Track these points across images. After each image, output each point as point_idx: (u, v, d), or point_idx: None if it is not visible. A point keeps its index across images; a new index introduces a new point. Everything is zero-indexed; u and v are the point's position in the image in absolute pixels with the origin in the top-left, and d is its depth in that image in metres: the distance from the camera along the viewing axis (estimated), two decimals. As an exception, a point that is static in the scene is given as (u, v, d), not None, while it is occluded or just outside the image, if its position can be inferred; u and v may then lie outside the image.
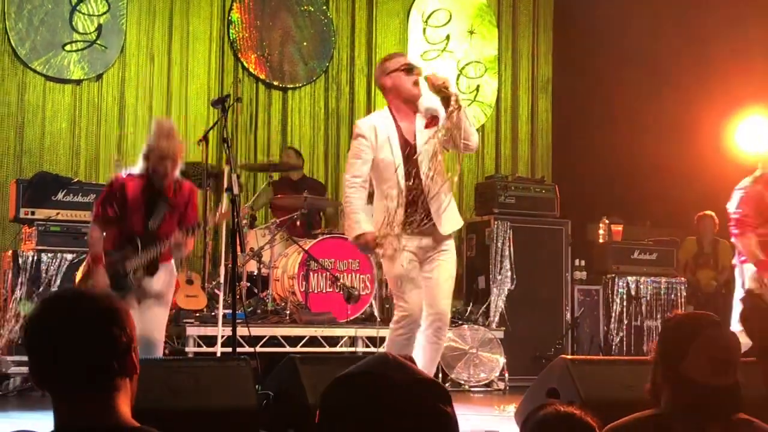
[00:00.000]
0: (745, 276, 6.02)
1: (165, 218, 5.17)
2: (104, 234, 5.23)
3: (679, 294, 9.07)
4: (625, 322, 8.92)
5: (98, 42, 8.66)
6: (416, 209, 4.80)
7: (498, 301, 8.50)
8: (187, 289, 7.27)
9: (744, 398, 2.52)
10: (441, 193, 4.86)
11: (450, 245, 4.96)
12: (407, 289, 4.80)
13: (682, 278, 9.21)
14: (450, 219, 4.93)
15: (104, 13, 8.70)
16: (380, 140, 4.86)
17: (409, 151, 4.85)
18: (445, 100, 4.80)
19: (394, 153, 4.85)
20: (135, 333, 1.89)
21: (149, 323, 5.10)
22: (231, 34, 9.21)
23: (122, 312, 1.88)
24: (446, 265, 4.92)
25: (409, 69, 4.91)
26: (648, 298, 8.95)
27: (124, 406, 1.84)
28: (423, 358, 4.76)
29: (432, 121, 4.90)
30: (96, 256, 5.17)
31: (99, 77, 8.70)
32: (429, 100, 4.97)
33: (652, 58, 9.24)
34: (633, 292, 8.94)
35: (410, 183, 4.81)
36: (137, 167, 5.29)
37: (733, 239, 6.15)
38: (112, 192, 5.25)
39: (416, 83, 4.91)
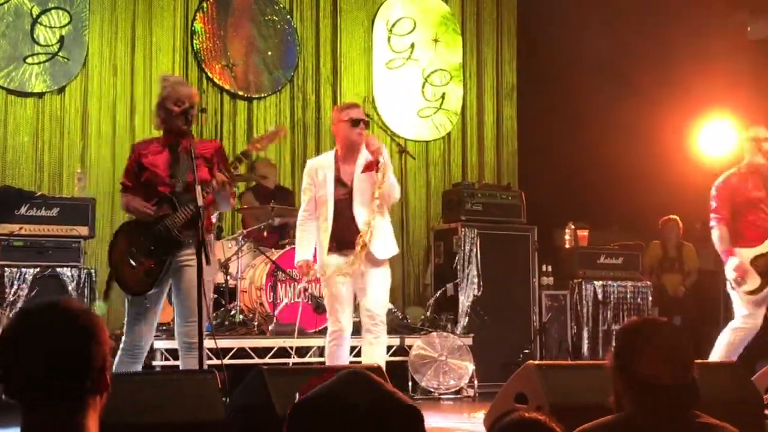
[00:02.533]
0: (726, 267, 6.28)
1: (191, 171, 4.91)
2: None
3: (645, 298, 9.14)
4: (593, 326, 8.97)
5: (60, 54, 8.58)
6: (342, 235, 5.61)
7: (466, 308, 8.52)
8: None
9: (716, 400, 2.57)
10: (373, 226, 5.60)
11: (385, 268, 5.73)
12: (338, 310, 5.62)
13: (648, 282, 9.28)
14: (383, 246, 5.68)
15: (66, 25, 8.62)
16: (319, 179, 5.71)
17: (342, 189, 5.67)
18: (373, 165, 5.59)
19: (328, 191, 5.67)
20: (108, 350, 1.87)
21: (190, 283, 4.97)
22: (194, 45, 9.16)
23: (99, 328, 1.86)
24: (376, 276, 5.66)
25: (355, 123, 5.69)
26: (615, 303, 9.00)
27: (93, 421, 1.83)
28: (370, 356, 5.56)
29: (369, 165, 5.63)
30: (128, 202, 5.22)
31: (61, 90, 8.62)
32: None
33: (615, 64, 9.30)
34: (600, 297, 9.00)
35: (339, 216, 5.62)
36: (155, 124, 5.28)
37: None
38: (131, 165, 5.26)
39: (359, 134, 5.69)
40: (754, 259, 6.19)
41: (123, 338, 5.16)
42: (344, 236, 5.62)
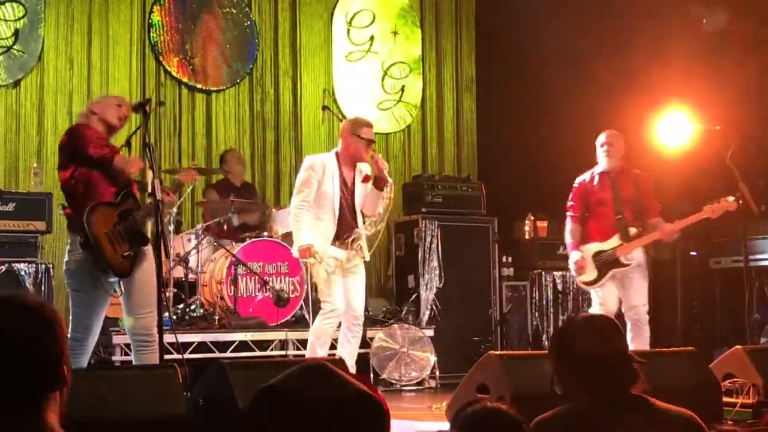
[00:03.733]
0: None
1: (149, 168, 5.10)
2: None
3: (604, 287, 9.20)
4: (553, 316, 9.04)
5: (15, 47, 8.46)
6: (344, 231, 6.14)
7: (428, 300, 8.55)
8: (112, 297, 7.13)
9: (675, 387, 2.61)
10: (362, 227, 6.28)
11: (362, 265, 6.28)
12: (337, 293, 6.07)
13: (607, 272, 9.34)
14: (367, 250, 6.30)
15: (21, 18, 8.50)
16: (326, 175, 6.14)
17: (345, 190, 6.19)
18: (380, 180, 6.18)
19: (335, 188, 6.13)
20: (66, 344, 1.83)
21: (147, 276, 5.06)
22: (152, 38, 9.08)
23: (54, 322, 1.80)
24: (360, 277, 6.23)
25: (370, 143, 6.27)
26: (574, 293, 9.08)
27: (53, 418, 1.78)
28: (348, 351, 6.07)
29: (366, 178, 6.24)
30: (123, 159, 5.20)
31: (17, 83, 8.50)
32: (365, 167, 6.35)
33: (574, 55, 9.35)
34: (559, 287, 9.07)
35: (342, 213, 6.13)
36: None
37: None
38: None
39: (367, 152, 6.26)
40: (596, 254, 6.68)
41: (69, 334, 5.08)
42: (345, 232, 6.15)
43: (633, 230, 6.67)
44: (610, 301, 6.65)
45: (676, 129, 7.61)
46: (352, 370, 5.83)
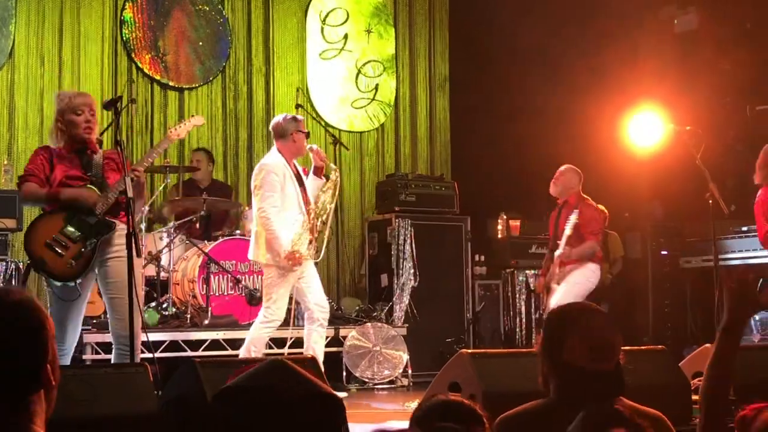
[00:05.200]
0: None
1: (105, 175, 5.09)
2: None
3: (576, 286, 9.24)
4: (525, 315, 9.08)
5: (-15, 44, 8.38)
6: (311, 231, 6.22)
7: (401, 299, 8.56)
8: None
9: (645, 386, 2.60)
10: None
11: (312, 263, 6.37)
12: (285, 299, 6.20)
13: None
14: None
15: (-9, 14, 8.42)
16: (286, 177, 6.18)
17: (302, 188, 6.29)
18: (321, 170, 6.35)
19: (296, 188, 6.21)
20: (52, 346, 1.77)
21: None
22: (124, 34, 9.02)
23: (37, 321, 1.75)
24: (314, 270, 6.39)
25: (308, 135, 6.47)
26: (546, 292, 9.10)
27: (36, 421, 1.74)
28: (318, 344, 6.23)
29: (318, 170, 6.36)
30: (50, 191, 5.05)
31: (-13, 80, 8.43)
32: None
33: (547, 55, 9.40)
34: (532, 286, 9.10)
35: (307, 210, 6.22)
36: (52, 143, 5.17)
37: None
38: (43, 161, 5.13)
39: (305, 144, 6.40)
40: None
41: None
42: (312, 232, 6.25)
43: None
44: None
45: (647, 129, 7.66)
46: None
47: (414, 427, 2.13)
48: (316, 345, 6.21)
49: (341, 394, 6.79)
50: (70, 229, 5.01)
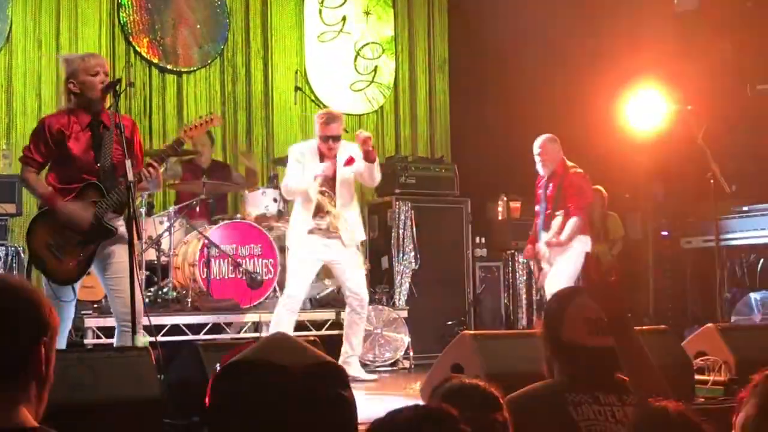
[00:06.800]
0: None
1: (119, 145, 4.84)
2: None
3: (576, 267, 9.24)
4: (526, 296, 9.08)
5: (-18, 28, 8.35)
6: (324, 219, 6.68)
7: (402, 281, 8.56)
8: (83, 279, 7.07)
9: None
10: (347, 213, 6.80)
11: (352, 252, 6.83)
12: (298, 277, 6.60)
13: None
14: (352, 235, 6.81)
15: (-12, -1, 8.39)
16: (308, 163, 6.62)
17: (326, 176, 6.68)
18: (366, 153, 6.60)
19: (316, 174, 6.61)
20: (44, 336, 1.73)
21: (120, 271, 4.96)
22: (121, 18, 8.98)
23: (32, 305, 1.72)
24: (353, 261, 6.81)
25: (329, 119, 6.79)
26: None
27: (27, 406, 1.71)
28: (356, 331, 6.77)
29: (350, 160, 6.72)
30: (48, 194, 4.93)
31: (-16, 65, 8.40)
32: (351, 146, 6.84)
33: (547, 36, 9.35)
34: (532, 267, 9.08)
35: (322, 198, 6.64)
36: (61, 106, 5.05)
37: None
38: (46, 140, 4.95)
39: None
40: None
41: None
42: None
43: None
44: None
45: (647, 109, 7.64)
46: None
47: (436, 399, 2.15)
48: (349, 329, 6.75)
49: (371, 376, 6.86)
50: (72, 234, 4.96)
